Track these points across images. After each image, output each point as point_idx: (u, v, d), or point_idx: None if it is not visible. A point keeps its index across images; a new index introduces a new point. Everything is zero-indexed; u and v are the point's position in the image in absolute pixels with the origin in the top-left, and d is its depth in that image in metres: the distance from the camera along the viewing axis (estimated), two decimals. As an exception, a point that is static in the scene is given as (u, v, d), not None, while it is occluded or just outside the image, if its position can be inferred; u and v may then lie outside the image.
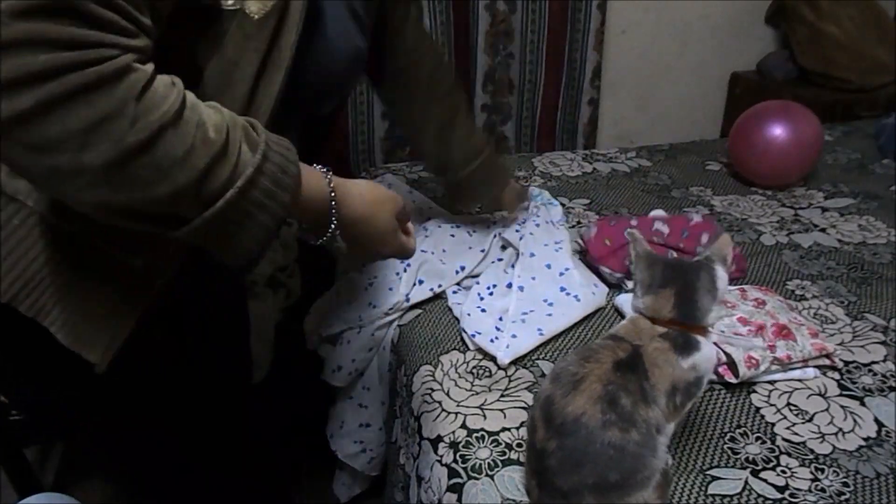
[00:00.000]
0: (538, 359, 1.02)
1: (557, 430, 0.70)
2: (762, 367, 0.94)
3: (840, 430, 0.89)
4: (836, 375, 0.98)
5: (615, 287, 1.20)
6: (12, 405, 1.24)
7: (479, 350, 1.03)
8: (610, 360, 0.72)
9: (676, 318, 0.74)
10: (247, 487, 1.04)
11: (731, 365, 0.95)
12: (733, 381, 0.94)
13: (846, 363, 1.00)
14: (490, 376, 0.99)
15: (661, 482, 0.72)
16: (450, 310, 1.14)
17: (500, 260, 1.22)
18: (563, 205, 1.53)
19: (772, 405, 0.93)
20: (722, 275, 0.75)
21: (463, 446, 0.87)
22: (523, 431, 0.88)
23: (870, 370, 0.99)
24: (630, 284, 1.20)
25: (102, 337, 0.70)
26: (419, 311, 1.16)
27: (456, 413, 0.92)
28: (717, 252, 0.77)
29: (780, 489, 0.80)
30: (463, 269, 1.18)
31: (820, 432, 0.89)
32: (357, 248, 0.77)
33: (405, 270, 1.17)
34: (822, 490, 0.80)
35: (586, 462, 0.68)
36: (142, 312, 0.71)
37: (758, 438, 0.88)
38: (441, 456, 0.88)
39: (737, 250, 1.24)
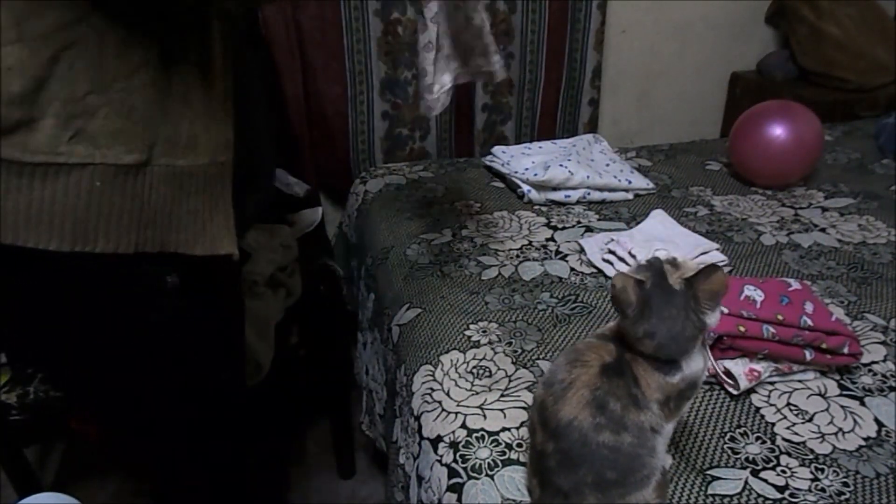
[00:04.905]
0: (538, 359, 1.02)
1: (553, 433, 0.70)
2: (763, 377, 0.94)
3: (840, 430, 0.89)
4: (836, 375, 0.98)
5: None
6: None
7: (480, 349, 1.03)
8: (597, 363, 0.71)
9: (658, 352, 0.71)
10: (247, 486, 1.04)
11: (731, 376, 0.94)
12: (733, 391, 0.94)
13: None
14: (490, 376, 0.99)
15: (661, 481, 0.72)
16: (451, 308, 1.14)
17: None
18: (562, 205, 1.54)
19: (772, 405, 0.93)
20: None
21: (463, 446, 0.87)
22: (523, 431, 0.88)
23: (870, 370, 0.99)
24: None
25: (219, 232, 0.78)
26: (419, 310, 1.16)
27: (456, 413, 0.92)
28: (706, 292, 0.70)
29: (780, 489, 0.80)
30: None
31: (820, 432, 0.89)
32: None
33: None
34: (822, 490, 0.80)
35: (583, 462, 0.68)
36: (231, 198, 0.80)
37: (758, 438, 0.88)
38: (441, 456, 0.88)
39: (847, 329, 0.98)
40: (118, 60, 0.66)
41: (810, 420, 0.90)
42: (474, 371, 1.00)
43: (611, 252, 1.26)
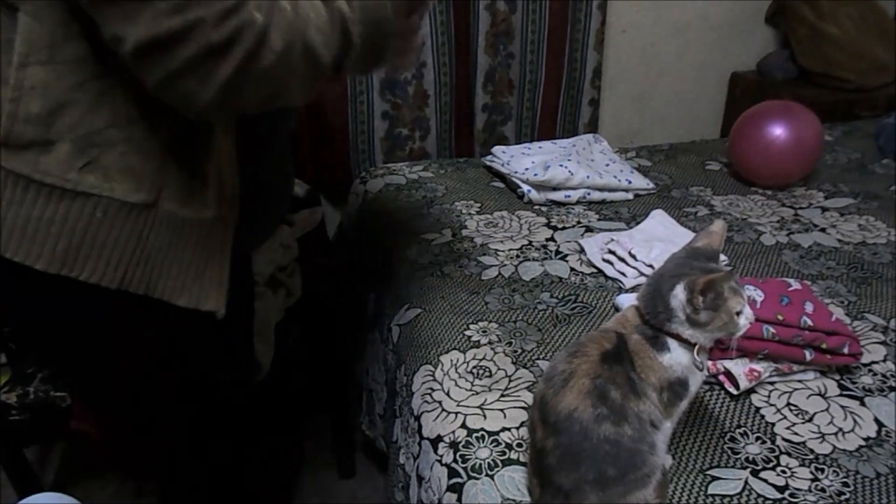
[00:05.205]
0: (538, 359, 1.02)
1: (553, 428, 0.70)
2: (763, 377, 0.94)
3: (840, 430, 0.89)
4: (836, 375, 0.98)
5: (613, 279, 1.20)
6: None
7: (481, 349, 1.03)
8: (597, 352, 0.73)
9: (641, 309, 0.76)
10: (247, 486, 1.04)
11: (731, 376, 0.94)
12: (733, 391, 0.94)
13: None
14: (490, 376, 0.99)
15: (661, 481, 0.72)
16: (451, 308, 1.14)
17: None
18: (562, 205, 1.54)
19: (772, 405, 0.93)
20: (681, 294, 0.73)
21: (463, 446, 0.87)
22: (523, 431, 0.88)
23: (870, 370, 0.99)
24: (628, 283, 1.20)
25: (209, 287, 0.76)
26: (419, 310, 1.16)
27: (456, 413, 0.92)
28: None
29: (780, 489, 0.80)
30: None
31: (820, 432, 0.89)
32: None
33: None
34: (822, 490, 0.80)
35: (584, 458, 0.68)
36: (230, 255, 0.77)
37: (758, 438, 0.88)
38: (441, 456, 0.88)
39: (847, 329, 0.99)
40: (146, 99, 0.65)
41: (810, 420, 0.90)
42: (474, 371, 1.00)
43: (611, 252, 1.26)
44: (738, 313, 0.73)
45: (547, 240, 1.37)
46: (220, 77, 0.58)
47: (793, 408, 0.93)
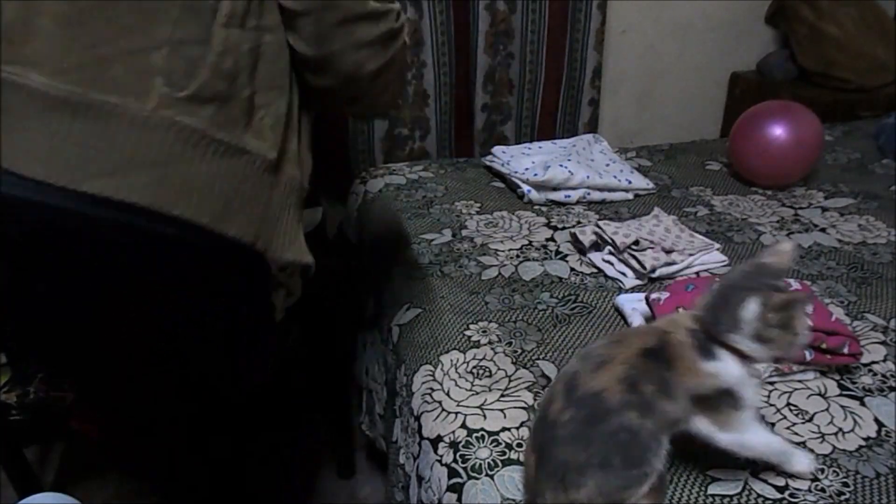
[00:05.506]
0: (538, 359, 1.02)
1: (576, 400, 0.70)
2: (764, 377, 0.94)
3: (840, 430, 0.89)
4: (836, 375, 0.98)
5: (613, 279, 1.20)
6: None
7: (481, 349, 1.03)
8: (638, 345, 0.73)
9: (702, 317, 0.74)
10: (247, 485, 1.04)
11: None
12: None
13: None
14: (490, 376, 0.99)
15: (658, 486, 0.72)
16: (451, 308, 1.14)
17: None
18: (562, 205, 1.54)
19: (772, 405, 0.93)
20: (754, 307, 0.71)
21: (463, 446, 0.87)
22: (523, 431, 0.88)
23: (870, 370, 0.99)
24: (628, 283, 1.20)
25: (303, 245, 0.83)
26: (419, 310, 1.16)
27: (456, 413, 0.92)
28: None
29: (780, 489, 0.80)
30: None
31: (820, 432, 0.89)
32: None
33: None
34: (822, 490, 0.80)
35: (596, 439, 0.68)
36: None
37: (758, 438, 0.88)
38: (441, 456, 0.88)
39: (847, 329, 0.99)
40: (294, 67, 0.76)
41: (810, 420, 0.90)
42: (474, 371, 1.00)
43: (611, 253, 1.26)
44: (801, 335, 0.72)
45: (547, 240, 1.37)
46: (386, 56, 0.78)
47: (793, 408, 0.93)
